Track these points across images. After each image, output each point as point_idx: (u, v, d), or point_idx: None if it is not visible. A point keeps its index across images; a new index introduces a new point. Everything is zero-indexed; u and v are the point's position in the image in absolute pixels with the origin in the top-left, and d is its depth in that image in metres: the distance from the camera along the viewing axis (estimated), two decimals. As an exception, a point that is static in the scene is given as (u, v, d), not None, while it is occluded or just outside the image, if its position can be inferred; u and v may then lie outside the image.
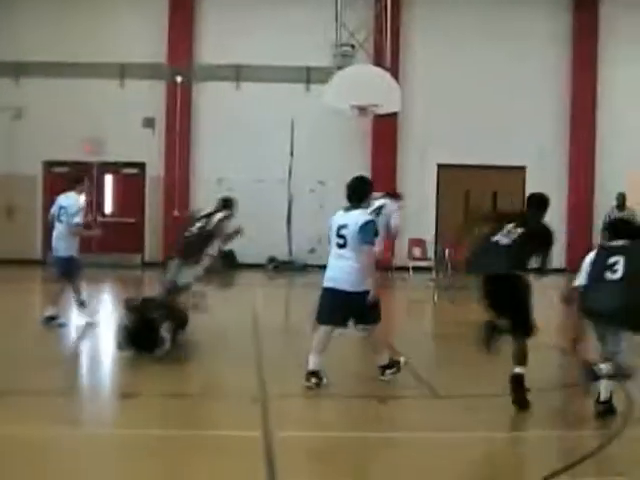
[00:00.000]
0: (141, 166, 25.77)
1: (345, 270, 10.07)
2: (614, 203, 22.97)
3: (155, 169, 25.67)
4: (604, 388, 8.95)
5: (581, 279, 9.14)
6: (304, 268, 24.72)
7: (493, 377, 10.91)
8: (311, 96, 24.87)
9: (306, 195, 25.18)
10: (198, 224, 13.40)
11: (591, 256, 9.23)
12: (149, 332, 11.37)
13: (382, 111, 21.87)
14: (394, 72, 23.43)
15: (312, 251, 25.19)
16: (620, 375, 8.96)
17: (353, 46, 23.16)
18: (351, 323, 10.40)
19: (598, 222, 24.22)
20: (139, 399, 9.23)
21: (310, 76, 25.48)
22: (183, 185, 25.36)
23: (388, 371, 10.49)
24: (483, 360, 11.30)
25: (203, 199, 25.22)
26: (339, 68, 22.25)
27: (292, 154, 24.89)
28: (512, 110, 25.61)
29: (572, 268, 25.18)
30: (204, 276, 13.16)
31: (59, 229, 13.99)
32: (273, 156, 25.02)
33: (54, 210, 14.23)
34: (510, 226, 9.64)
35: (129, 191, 25.98)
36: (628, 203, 22.73)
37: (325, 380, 9.99)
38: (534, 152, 25.75)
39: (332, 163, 25.04)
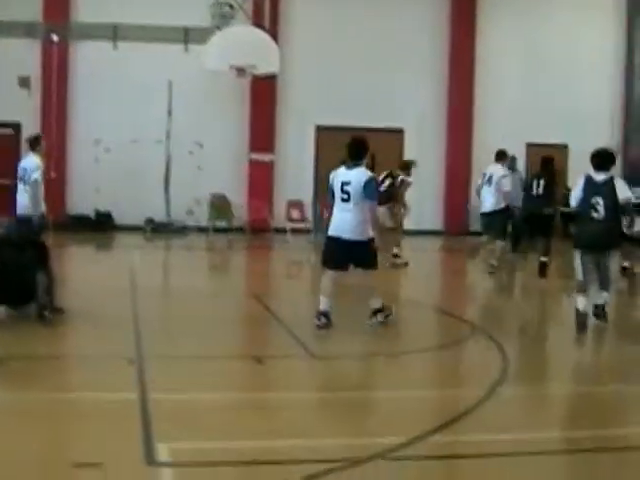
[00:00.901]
0: (16, 126, 25.17)
1: (348, 221, 11.17)
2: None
3: (30, 130, 25.10)
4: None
5: (573, 201, 11.98)
6: (182, 230, 24.57)
7: (370, 337, 11.07)
8: (189, 57, 24.61)
9: (184, 156, 24.95)
10: None
11: (580, 184, 11.86)
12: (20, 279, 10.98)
13: (261, 72, 21.82)
14: (273, 33, 23.40)
15: (190, 213, 25.09)
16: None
17: (232, 6, 23.00)
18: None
19: (478, 182, 24.73)
20: (7, 364, 9.02)
21: (188, 36, 25.19)
22: (59, 146, 24.87)
23: (380, 314, 11.38)
24: (360, 320, 11.47)
25: (80, 160, 24.93)
26: (218, 28, 22.08)
27: (170, 115, 24.63)
28: (391, 72, 25.73)
29: (449, 230, 25.88)
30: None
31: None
32: (151, 117, 24.68)
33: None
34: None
35: (3, 152, 25.37)
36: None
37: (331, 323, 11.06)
38: (413, 114, 25.99)
39: (210, 125, 24.93)
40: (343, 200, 11.25)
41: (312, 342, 10.36)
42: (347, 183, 11.25)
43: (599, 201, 11.59)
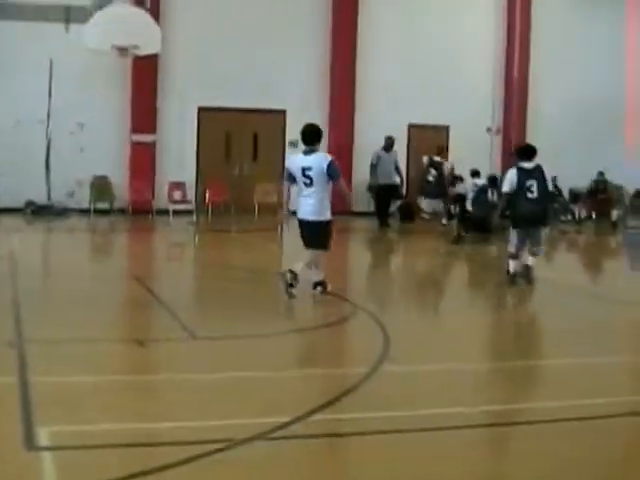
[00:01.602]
0: None
1: (311, 204, 12.10)
2: (382, 145, 23.92)
3: None
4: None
5: (507, 187, 14.19)
6: (63, 212, 24.23)
7: (253, 317, 11.12)
8: (71, 36, 24.17)
9: (66, 137, 24.59)
10: None
11: (512, 172, 14.17)
12: None
13: (142, 52, 21.59)
14: (155, 13, 23.17)
15: (71, 195, 24.76)
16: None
17: (113, -15, 22.71)
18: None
19: (361, 164, 25.10)
20: None
21: (70, 15, 24.75)
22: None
23: (319, 287, 12.35)
24: (242, 301, 11.51)
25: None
26: (99, 8, 21.79)
27: (50, 95, 24.25)
28: (273, 53, 25.77)
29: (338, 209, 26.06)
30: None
31: None
32: (32, 97, 24.23)
33: None
34: None
35: None
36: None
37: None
38: (295, 95, 26.04)
39: (92, 105, 24.60)
40: (306, 185, 12.07)
41: (194, 323, 10.35)
42: (308, 168, 11.99)
43: (533, 184, 13.99)
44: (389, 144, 24.17)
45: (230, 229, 23.21)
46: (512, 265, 14.37)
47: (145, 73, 24.90)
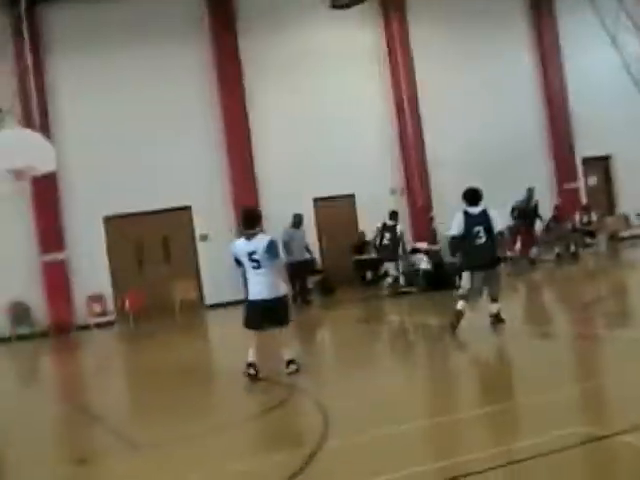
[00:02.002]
0: None
1: (263, 284, 12.63)
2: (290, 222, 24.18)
3: None
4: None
5: (454, 231, 14.79)
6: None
7: (187, 413, 11.11)
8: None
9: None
10: None
11: (459, 216, 14.73)
12: None
13: (39, 172, 21.54)
14: (45, 130, 23.18)
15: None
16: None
17: (0, 110, 22.70)
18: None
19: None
20: None
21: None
22: None
23: (292, 365, 12.69)
24: (178, 403, 11.49)
25: None
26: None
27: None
28: (170, 152, 25.87)
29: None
30: None
31: None
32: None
33: None
34: None
35: None
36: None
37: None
38: (198, 189, 26.15)
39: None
40: (254, 268, 12.68)
41: (132, 433, 10.31)
42: (253, 252, 12.62)
43: (480, 230, 14.60)
44: (297, 221, 24.46)
45: (154, 333, 23.10)
46: (460, 304, 14.82)
47: (46, 192, 24.73)
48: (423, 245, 25.27)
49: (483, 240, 14.65)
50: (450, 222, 15.33)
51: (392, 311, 21.75)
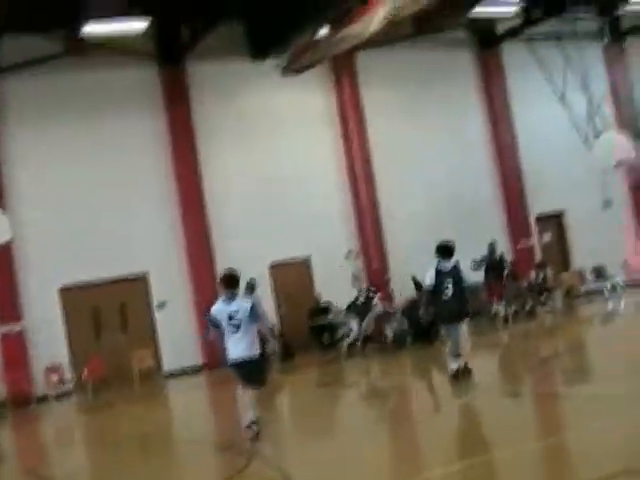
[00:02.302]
0: None
1: (242, 345, 12.94)
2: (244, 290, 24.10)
3: None
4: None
5: (428, 283, 15.58)
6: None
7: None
8: None
9: None
10: None
11: (432, 270, 15.51)
12: None
13: (-6, 242, 21.49)
14: (0, 200, 23.15)
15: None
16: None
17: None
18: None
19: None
20: None
21: None
22: None
23: (254, 425, 12.90)
24: (135, 476, 11.39)
25: None
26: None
27: None
28: (126, 219, 25.83)
29: (210, 364, 25.76)
30: None
31: None
32: None
33: None
34: None
35: None
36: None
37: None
38: (154, 258, 26.10)
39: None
40: (233, 330, 13.00)
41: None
42: (235, 313, 12.99)
43: (449, 284, 15.36)
44: (250, 287, 24.17)
45: (113, 403, 22.91)
46: (452, 364, 15.60)
47: (0, 262, 24.60)
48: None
49: (450, 293, 15.41)
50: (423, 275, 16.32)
51: (352, 374, 21.78)
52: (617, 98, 32.94)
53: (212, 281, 26.36)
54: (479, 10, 27.55)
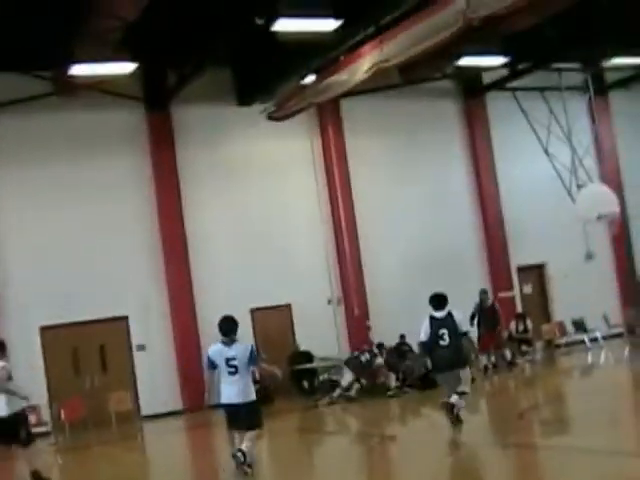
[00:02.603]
0: None
1: (238, 389, 13.23)
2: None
3: None
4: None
5: (423, 336, 15.82)
6: None
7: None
8: None
9: None
10: None
11: (426, 322, 15.77)
12: None
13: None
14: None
15: None
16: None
17: None
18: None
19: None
20: None
21: None
22: None
23: (240, 455, 13.14)
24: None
25: None
26: None
27: None
28: (108, 262, 25.72)
29: (190, 407, 25.60)
30: None
31: None
32: None
33: None
34: None
35: None
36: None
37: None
38: (135, 300, 26.03)
39: None
40: (230, 373, 13.25)
41: None
42: (232, 358, 13.25)
43: (445, 332, 15.53)
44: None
45: (90, 444, 22.74)
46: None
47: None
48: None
49: (447, 342, 15.61)
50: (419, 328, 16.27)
51: (334, 420, 21.70)
52: (601, 151, 33.17)
53: (193, 325, 26.41)
54: (466, 60, 27.78)
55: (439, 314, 15.86)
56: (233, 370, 13.24)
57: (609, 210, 28.20)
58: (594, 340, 29.93)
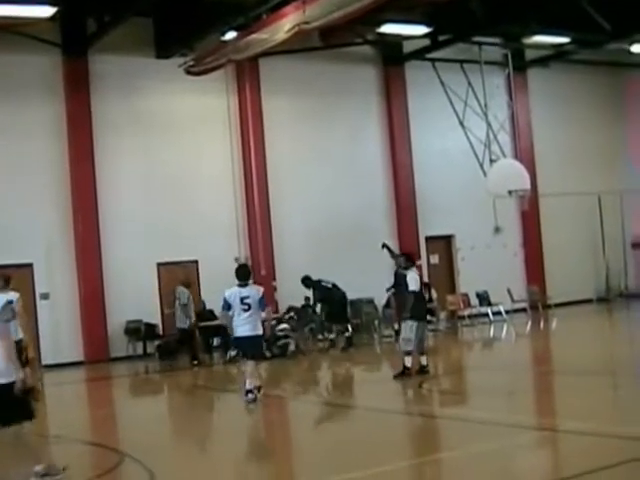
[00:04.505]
0: None
1: (249, 323, 16.02)
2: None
3: None
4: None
5: (416, 287, 17.61)
6: None
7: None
8: None
9: None
10: None
11: (415, 275, 17.83)
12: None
13: None
14: None
15: None
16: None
17: None
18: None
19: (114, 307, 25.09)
20: None
21: None
22: None
23: (250, 395, 15.80)
24: None
25: None
26: None
27: None
28: (13, 207, 25.36)
29: (90, 358, 25.44)
30: None
31: None
32: None
33: None
34: None
35: None
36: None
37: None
38: (40, 248, 25.65)
39: None
40: (244, 310, 15.96)
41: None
42: (246, 297, 16.02)
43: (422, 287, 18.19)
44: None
45: None
46: (408, 361, 17.54)
47: None
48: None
49: (426, 296, 19.31)
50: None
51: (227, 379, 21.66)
52: (516, 127, 33.48)
53: (99, 276, 26.14)
54: (387, 28, 27.79)
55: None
56: (246, 307, 15.92)
57: (520, 186, 28.56)
58: (497, 314, 30.35)
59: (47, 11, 23.15)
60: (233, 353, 23.66)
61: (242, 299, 16.02)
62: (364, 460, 10.60)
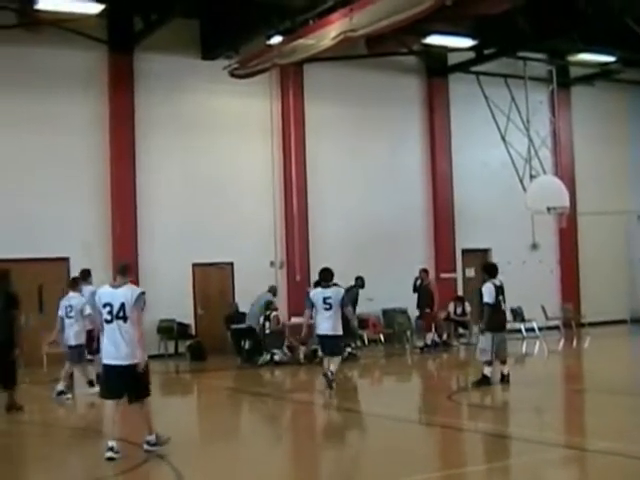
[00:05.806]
0: None
1: (330, 322, 17.60)
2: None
3: None
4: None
5: (491, 300, 17.86)
6: None
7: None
8: None
9: None
10: None
11: (490, 287, 18.02)
12: None
13: None
14: None
15: None
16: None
17: None
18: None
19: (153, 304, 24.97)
20: None
21: None
22: None
23: (330, 375, 17.55)
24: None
25: None
26: None
27: None
28: (53, 203, 25.53)
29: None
30: None
31: None
32: None
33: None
34: None
35: None
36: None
37: None
38: (77, 243, 25.76)
39: None
40: (326, 309, 17.59)
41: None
42: (328, 297, 17.64)
43: (502, 298, 18.12)
44: (272, 290, 25.71)
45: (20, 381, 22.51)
46: (487, 371, 18.01)
47: None
48: None
49: (504, 307, 18.52)
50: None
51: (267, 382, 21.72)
52: (557, 144, 33.34)
53: (133, 273, 26.11)
54: (433, 39, 27.74)
55: (497, 281, 18.32)
56: (328, 307, 17.49)
57: (559, 203, 28.42)
58: (531, 330, 30.18)
59: (95, 8, 23.32)
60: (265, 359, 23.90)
61: (324, 299, 17.58)
62: (388, 471, 10.58)
